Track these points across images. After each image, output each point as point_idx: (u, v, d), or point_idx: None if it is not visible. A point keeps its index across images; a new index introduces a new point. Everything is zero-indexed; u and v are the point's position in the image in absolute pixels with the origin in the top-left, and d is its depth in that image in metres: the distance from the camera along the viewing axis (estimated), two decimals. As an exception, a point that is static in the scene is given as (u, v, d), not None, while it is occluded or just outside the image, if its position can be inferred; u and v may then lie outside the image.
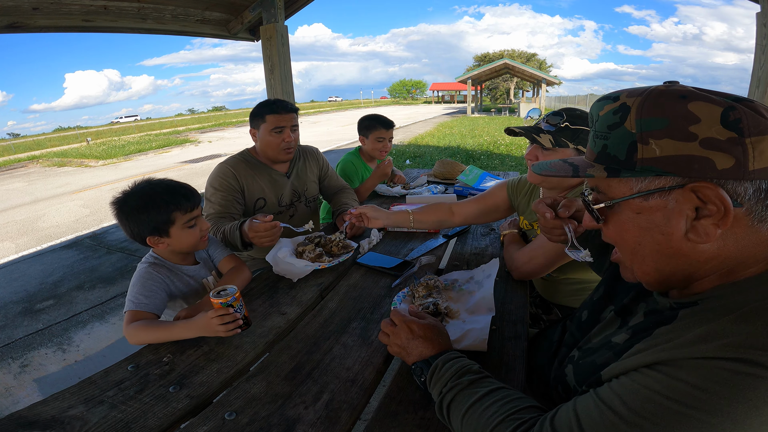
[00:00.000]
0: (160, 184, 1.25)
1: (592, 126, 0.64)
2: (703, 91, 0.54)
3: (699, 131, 0.51)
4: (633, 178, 0.57)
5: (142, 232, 1.22)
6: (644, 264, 0.61)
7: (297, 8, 3.69)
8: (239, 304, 1.06)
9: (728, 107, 0.50)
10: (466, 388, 0.73)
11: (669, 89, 0.54)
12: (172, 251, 1.30)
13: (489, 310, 1.08)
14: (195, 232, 1.27)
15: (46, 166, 13.38)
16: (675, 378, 0.50)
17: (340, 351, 1.02)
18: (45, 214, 6.53)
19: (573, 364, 0.77)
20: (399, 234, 1.79)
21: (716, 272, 0.57)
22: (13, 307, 3.23)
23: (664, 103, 0.53)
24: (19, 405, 2.07)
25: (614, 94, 0.60)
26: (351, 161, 2.51)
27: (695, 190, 0.52)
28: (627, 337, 0.66)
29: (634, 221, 0.59)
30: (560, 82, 26.08)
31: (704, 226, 0.53)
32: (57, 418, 0.82)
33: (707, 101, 0.51)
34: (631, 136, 0.55)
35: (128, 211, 1.21)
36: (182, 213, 1.23)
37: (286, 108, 1.81)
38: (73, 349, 2.60)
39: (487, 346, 0.95)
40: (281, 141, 1.80)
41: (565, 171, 0.65)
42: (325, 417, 0.82)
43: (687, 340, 0.52)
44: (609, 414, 0.53)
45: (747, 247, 0.54)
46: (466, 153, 9.23)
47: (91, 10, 2.81)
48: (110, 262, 4.08)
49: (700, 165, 0.51)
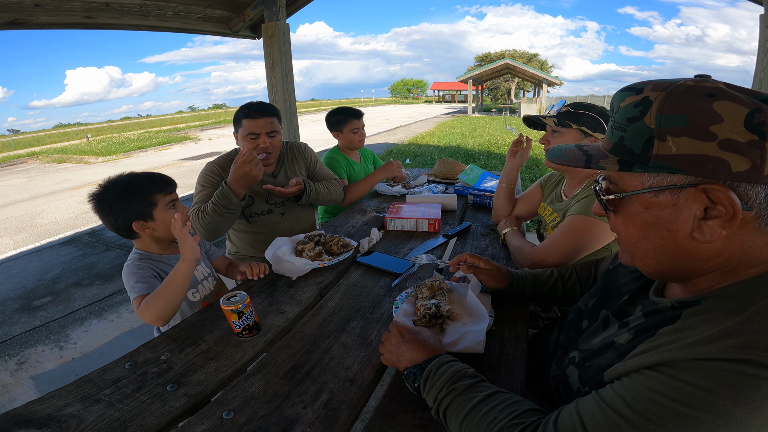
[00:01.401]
0: (138, 174, 1.30)
1: (612, 116, 0.63)
2: (733, 88, 0.52)
3: (719, 131, 0.50)
4: (645, 173, 0.57)
5: (126, 220, 1.25)
6: (646, 257, 0.62)
7: (299, 6, 3.68)
8: (249, 310, 1.06)
9: (756, 109, 0.49)
10: (462, 393, 0.71)
11: (698, 85, 0.53)
12: (155, 239, 1.32)
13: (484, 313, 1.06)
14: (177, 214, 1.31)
15: (45, 163, 13.36)
16: (679, 379, 0.50)
17: (339, 350, 1.01)
18: (44, 210, 6.52)
19: (576, 366, 0.76)
20: (399, 233, 1.79)
21: (718, 270, 0.57)
22: (10, 304, 3.22)
23: (689, 100, 0.52)
24: (15, 403, 2.07)
25: (638, 86, 0.58)
26: (333, 157, 2.52)
27: (707, 190, 0.52)
28: (630, 337, 0.66)
29: (641, 215, 0.59)
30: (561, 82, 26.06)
31: (711, 226, 0.53)
32: (53, 416, 0.81)
33: (734, 101, 0.50)
34: (650, 131, 0.55)
35: (110, 200, 1.24)
36: (163, 195, 1.28)
37: (261, 111, 1.78)
38: (70, 347, 2.59)
39: (483, 349, 0.93)
40: (255, 146, 1.78)
41: (578, 160, 0.66)
42: (324, 417, 0.81)
43: (690, 341, 0.52)
44: (614, 416, 0.53)
45: (751, 248, 0.54)
46: (467, 153, 9.22)
47: (93, 6, 2.81)
48: (108, 259, 4.07)
49: (715, 166, 0.51)
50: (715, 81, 0.54)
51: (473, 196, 2.16)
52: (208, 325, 1.14)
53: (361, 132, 2.52)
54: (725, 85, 0.53)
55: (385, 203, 2.28)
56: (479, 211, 2.06)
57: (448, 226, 1.85)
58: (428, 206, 1.92)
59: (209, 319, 1.17)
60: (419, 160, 8.45)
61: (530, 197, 1.75)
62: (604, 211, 0.66)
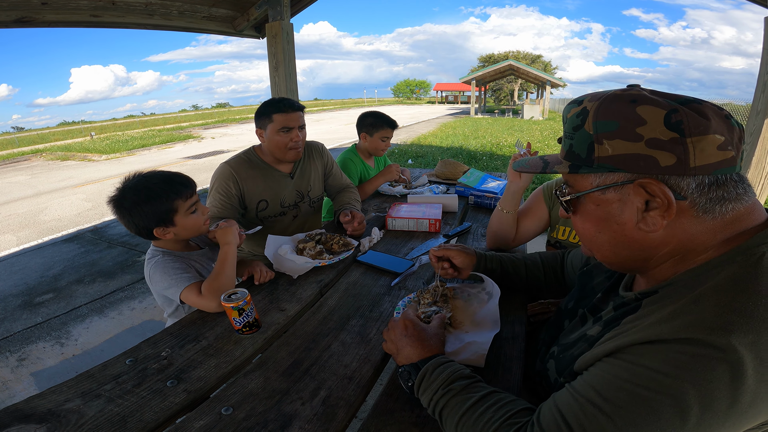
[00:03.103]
0: (155, 175, 1.27)
1: (563, 126, 0.69)
2: (655, 94, 0.59)
3: (645, 132, 0.56)
4: (592, 174, 0.63)
5: (148, 225, 1.24)
6: (603, 249, 0.68)
7: (303, 6, 3.69)
8: (250, 307, 1.07)
9: (672, 110, 0.55)
10: (458, 394, 0.73)
11: (623, 94, 0.60)
12: (175, 241, 1.32)
13: (494, 324, 1.04)
14: (198, 217, 1.31)
15: (49, 160, 13.42)
16: (639, 365, 0.54)
17: (339, 348, 1.02)
18: (47, 207, 6.55)
19: (554, 359, 0.81)
20: (399, 233, 1.79)
21: (670, 259, 0.63)
22: (12, 300, 3.24)
23: (616, 107, 0.59)
24: (15, 398, 2.08)
25: (579, 99, 0.66)
26: (351, 159, 2.52)
27: (643, 185, 0.58)
28: (600, 329, 0.71)
29: (594, 212, 0.66)
30: (565, 84, 25.97)
31: (652, 217, 0.59)
32: (53, 411, 0.82)
33: (653, 105, 0.57)
34: (590, 137, 0.61)
35: (129, 207, 1.21)
36: (183, 200, 1.26)
37: (293, 107, 1.78)
38: (71, 343, 2.60)
39: (484, 362, 0.91)
40: (289, 141, 1.78)
41: (537, 167, 0.74)
42: (322, 413, 0.81)
43: (645, 325, 0.57)
44: (587, 405, 0.56)
45: (695, 236, 0.59)
46: (469, 154, 9.22)
47: (99, 5, 2.83)
48: (111, 257, 4.09)
49: (646, 163, 0.57)
50: (640, 89, 0.61)
51: (474, 197, 2.16)
52: (208, 322, 1.15)
53: (388, 142, 2.53)
54: (649, 91, 0.60)
55: (386, 203, 2.29)
56: (480, 212, 2.06)
57: (449, 226, 1.85)
58: (429, 206, 1.93)
59: (210, 316, 1.18)
60: (421, 160, 8.45)
61: (534, 214, 1.50)
62: (566, 212, 0.72)
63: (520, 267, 1.22)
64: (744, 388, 0.47)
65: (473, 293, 1.19)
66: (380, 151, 2.54)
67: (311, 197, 2.03)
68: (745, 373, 0.47)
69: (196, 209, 1.30)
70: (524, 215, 1.51)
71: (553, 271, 1.20)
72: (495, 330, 1.01)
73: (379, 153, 2.55)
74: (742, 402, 0.48)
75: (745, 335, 0.48)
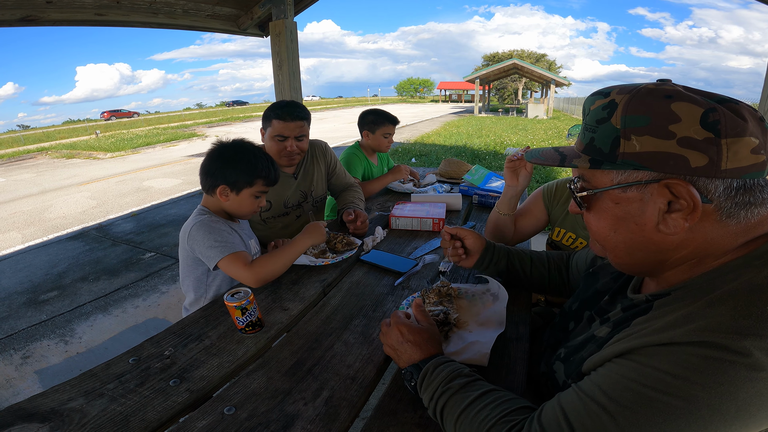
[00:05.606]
0: (263, 153, 1.35)
1: (583, 118, 0.66)
2: (690, 91, 0.56)
3: (678, 130, 0.54)
4: (614, 170, 0.61)
5: (224, 180, 1.29)
6: (617, 249, 0.65)
7: (306, 4, 3.69)
8: (253, 306, 1.07)
9: (710, 109, 0.53)
10: (457, 392, 0.72)
11: (657, 88, 0.57)
12: (222, 209, 1.37)
13: (499, 324, 1.03)
14: (255, 203, 1.36)
15: (54, 158, 13.49)
16: (648, 365, 0.52)
17: (341, 348, 1.02)
18: (52, 205, 6.58)
19: (561, 361, 0.79)
20: (403, 232, 1.79)
21: (686, 262, 0.61)
22: (17, 298, 3.26)
23: (650, 102, 0.56)
24: (19, 397, 2.09)
25: (606, 90, 0.62)
26: (355, 155, 2.53)
27: (669, 185, 0.56)
28: (609, 329, 0.70)
29: (611, 210, 0.63)
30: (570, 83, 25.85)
31: (674, 219, 0.57)
32: (56, 410, 0.82)
33: (690, 102, 0.54)
34: (616, 131, 0.58)
35: (229, 156, 1.29)
36: (261, 183, 1.33)
37: (293, 115, 1.74)
38: (75, 341, 2.61)
39: (488, 362, 0.91)
40: (282, 149, 1.77)
41: (553, 159, 0.70)
42: (325, 414, 0.81)
43: (657, 327, 0.55)
44: (592, 405, 0.55)
45: (715, 240, 0.57)
46: (472, 152, 9.20)
47: (104, 4, 2.83)
48: (115, 254, 4.11)
49: (676, 162, 0.54)
50: (674, 84, 0.58)
51: (478, 197, 2.15)
52: (211, 321, 1.15)
53: (390, 138, 2.54)
54: (683, 88, 0.57)
55: (389, 202, 2.29)
56: (484, 211, 2.06)
57: (452, 225, 1.85)
58: (433, 206, 1.92)
59: (213, 315, 1.17)
60: (425, 159, 8.44)
61: (533, 215, 1.51)
62: (579, 208, 0.69)
63: (525, 261, 1.21)
64: (755, 392, 0.47)
65: (478, 294, 1.18)
66: (384, 148, 2.55)
67: (314, 197, 2.02)
68: (759, 377, 0.46)
69: (261, 197, 1.38)
70: (522, 215, 1.52)
71: (558, 271, 1.19)
72: (499, 330, 1.00)
73: (383, 150, 2.56)
74: (751, 406, 0.47)
75: (761, 340, 0.47)
